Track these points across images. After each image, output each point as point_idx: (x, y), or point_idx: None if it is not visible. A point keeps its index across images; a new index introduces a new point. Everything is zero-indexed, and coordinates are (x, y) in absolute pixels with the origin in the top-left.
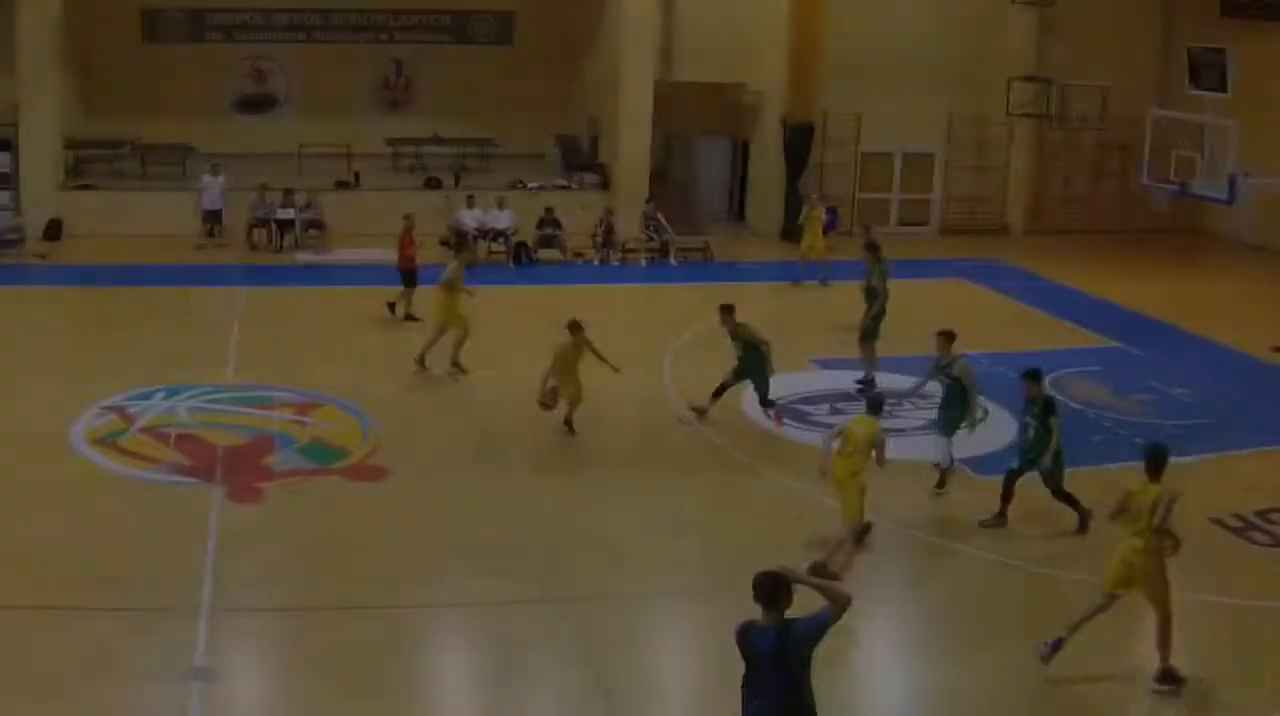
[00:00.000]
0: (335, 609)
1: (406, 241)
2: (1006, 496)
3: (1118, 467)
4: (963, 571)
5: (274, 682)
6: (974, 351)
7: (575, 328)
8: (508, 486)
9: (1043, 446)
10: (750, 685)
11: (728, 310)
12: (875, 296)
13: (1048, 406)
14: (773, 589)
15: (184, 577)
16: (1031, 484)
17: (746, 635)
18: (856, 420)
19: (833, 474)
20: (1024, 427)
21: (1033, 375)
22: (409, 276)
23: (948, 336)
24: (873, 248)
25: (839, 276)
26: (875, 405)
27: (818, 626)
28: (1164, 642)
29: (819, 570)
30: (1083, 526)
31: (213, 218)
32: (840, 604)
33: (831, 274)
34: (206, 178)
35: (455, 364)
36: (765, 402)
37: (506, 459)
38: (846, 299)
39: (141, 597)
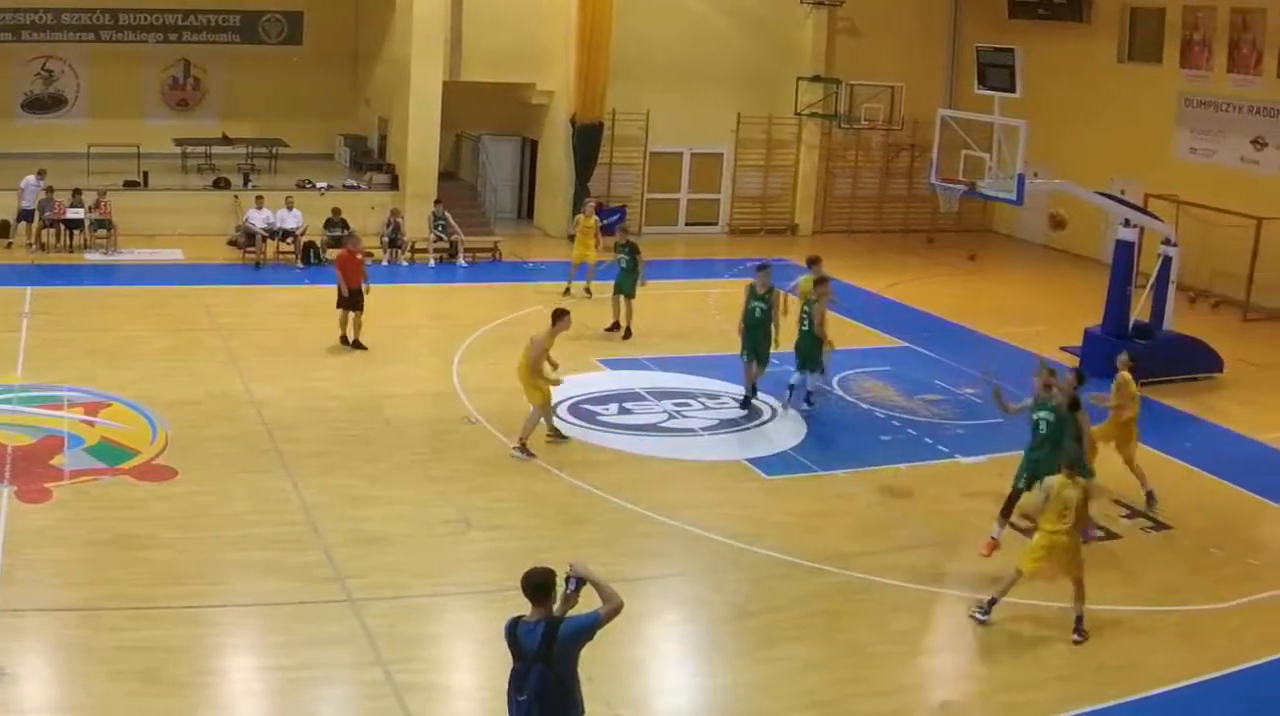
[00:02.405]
0: (124, 608)
1: (349, 258)
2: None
3: (907, 467)
4: (757, 571)
5: (62, 682)
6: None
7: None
8: (296, 486)
9: None
10: (516, 680)
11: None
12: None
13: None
14: (540, 583)
15: None
16: (828, 482)
17: (514, 630)
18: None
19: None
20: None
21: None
22: (354, 298)
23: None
24: (813, 261)
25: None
26: (812, 262)
27: (586, 627)
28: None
29: None
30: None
31: (26, 217)
32: (613, 606)
33: (579, 277)
34: (31, 178)
35: (520, 441)
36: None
37: (295, 458)
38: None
39: None
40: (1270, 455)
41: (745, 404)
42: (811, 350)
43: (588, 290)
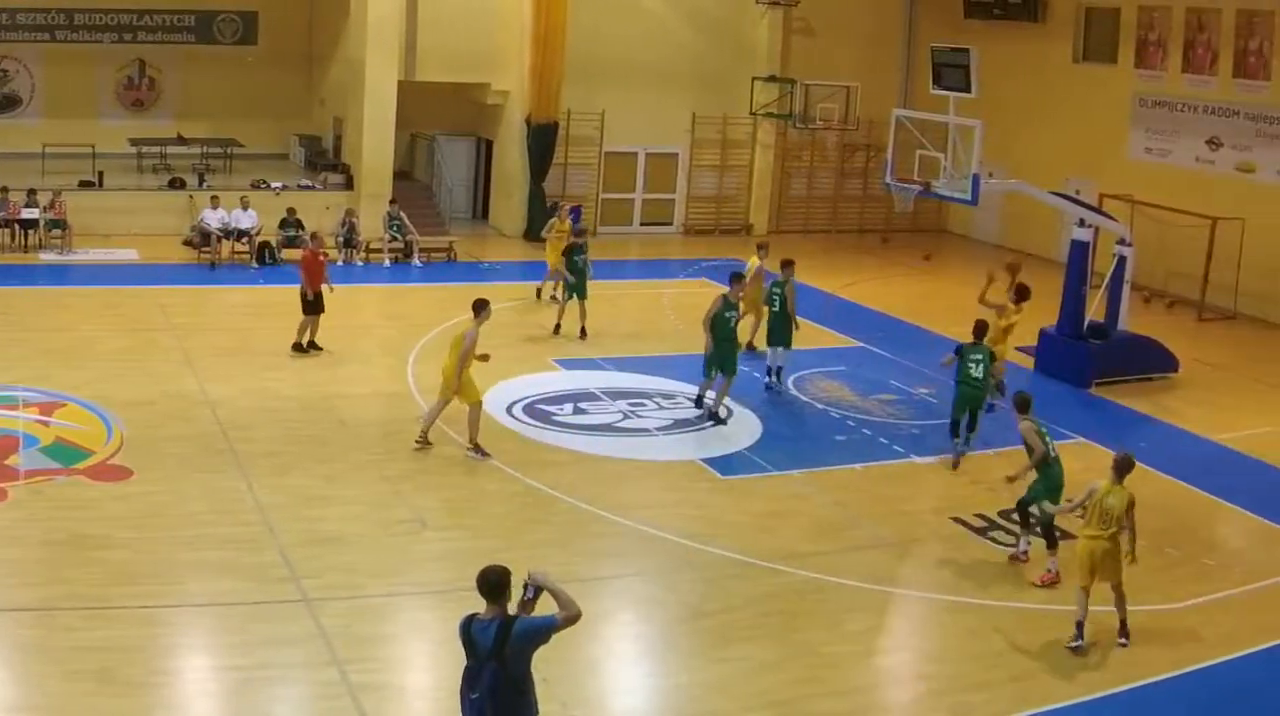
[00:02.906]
0: (79, 608)
1: (313, 259)
2: None
3: (862, 467)
4: (711, 571)
5: (17, 682)
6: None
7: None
8: (251, 486)
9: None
10: (469, 678)
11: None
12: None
13: None
14: (496, 582)
15: None
16: (783, 482)
17: (469, 628)
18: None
19: None
20: None
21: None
22: (317, 300)
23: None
24: (762, 246)
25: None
26: (761, 247)
27: (541, 629)
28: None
29: None
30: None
31: None
32: (569, 614)
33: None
34: None
35: (473, 442)
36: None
37: (250, 458)
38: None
39: None
40: (1225, 455)
41: (699, 402)
42: (783, 328)
43: (554, 297)
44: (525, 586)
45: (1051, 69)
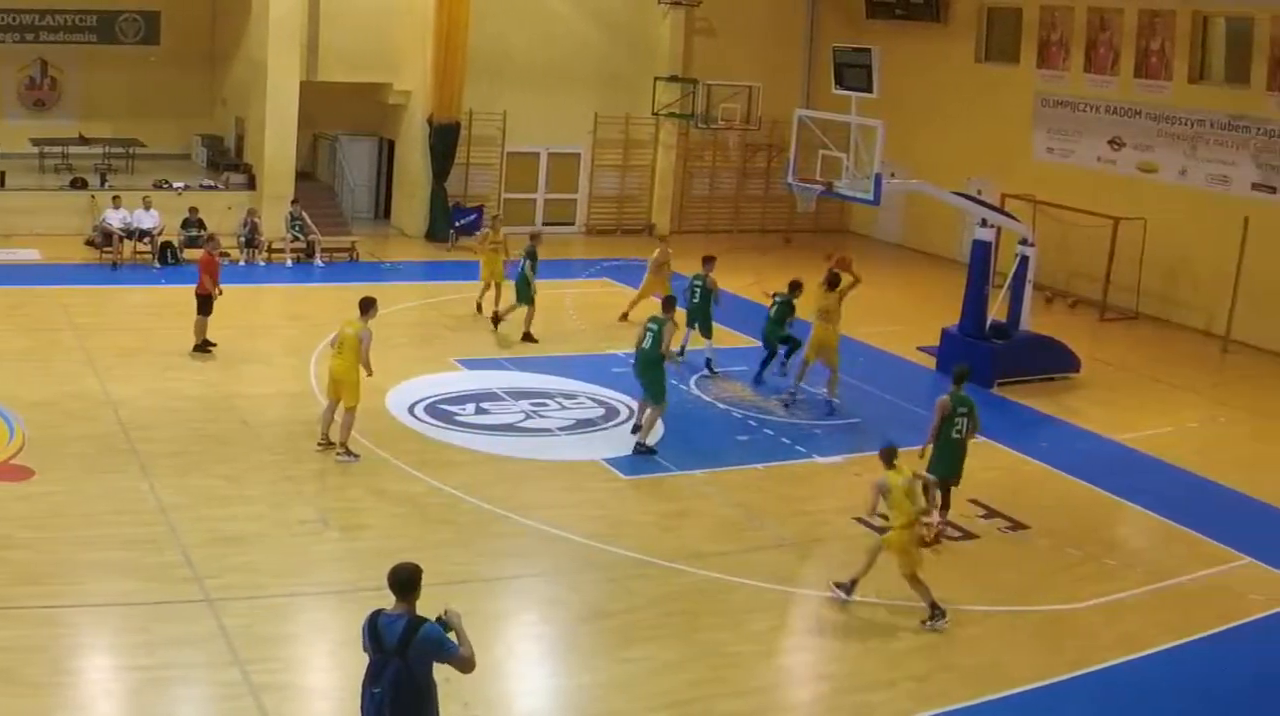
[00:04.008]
0: None
1: (209, 261)
2: None
3: (764, 467)
4: (614, 571)
5: None
6: (620, 351)
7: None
8: (153, 486)
9: None
10: (371, 673)
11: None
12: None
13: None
14: (406, 578)
15: None
16: (685, 482)
17: (375, 621)
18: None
19: None
20: None
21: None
22: (205, 303)
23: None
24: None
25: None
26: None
27: (443, 646)
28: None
29: None
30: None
31: None
32: (466, 655)
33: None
34: None
35: (343, 445)
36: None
37: (152, 458)
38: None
39: None
40: (1126, 455)
41: (650, 450)
42: (702, 318)
43: (496, 318)
44: (437, 619)
45: (953, 69)
